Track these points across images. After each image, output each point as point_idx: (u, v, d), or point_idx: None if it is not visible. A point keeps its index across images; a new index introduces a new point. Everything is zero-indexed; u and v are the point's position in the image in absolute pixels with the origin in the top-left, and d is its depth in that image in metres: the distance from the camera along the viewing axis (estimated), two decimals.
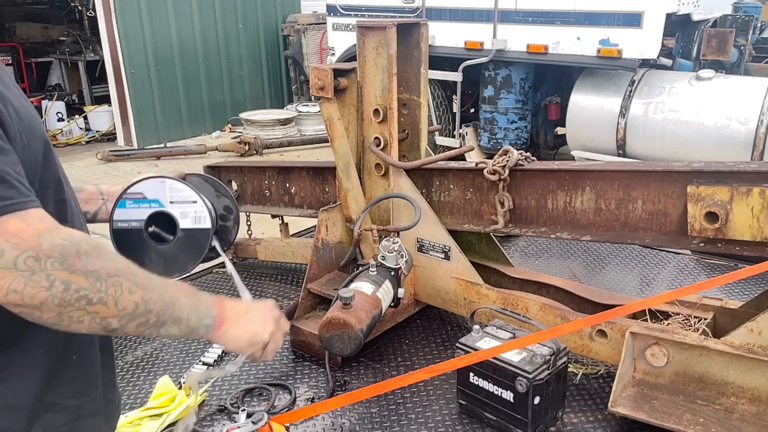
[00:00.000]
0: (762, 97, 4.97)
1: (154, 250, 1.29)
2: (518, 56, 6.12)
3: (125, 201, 1.27)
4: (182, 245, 1.29)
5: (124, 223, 1.26)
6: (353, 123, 3.10)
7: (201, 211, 1.30)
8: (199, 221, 1.31)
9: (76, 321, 1.02)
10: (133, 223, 1.26)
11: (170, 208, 1.28)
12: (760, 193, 2.24)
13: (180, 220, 1.28)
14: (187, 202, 1.28)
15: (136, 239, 1.27)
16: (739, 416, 2.27)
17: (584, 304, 2.86)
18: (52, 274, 0.98)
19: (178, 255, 1.30)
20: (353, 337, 2.37)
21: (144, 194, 1.27)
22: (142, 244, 1.28)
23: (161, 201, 1.27)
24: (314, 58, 10.69)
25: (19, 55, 11.79)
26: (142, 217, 1.26)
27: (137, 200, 1.27)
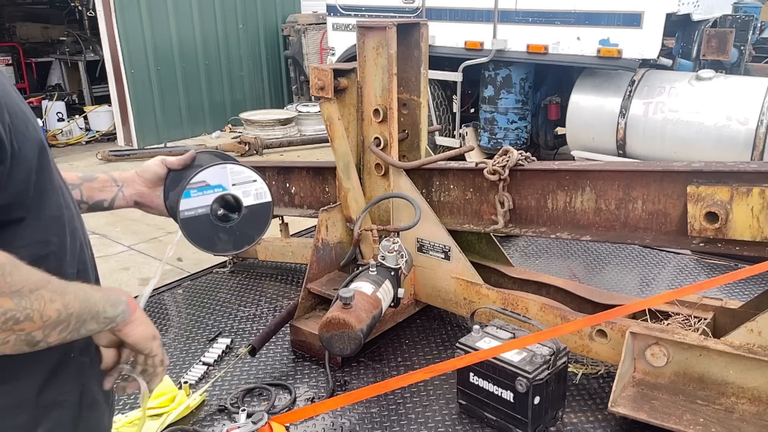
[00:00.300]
0: (762, 97, 4.97)
1: (222, 230, 1.37)
2: (518, 56, 6.11)
3: (189, 191, 1.32)
4: (248, 220, 1.38)
5: (191, 211, 1.32)
6: (353, 123, 3.10)
7: (261, 187, 1.40)
8: (260, 197, 1.40)
9: (2, 343, 1.00)
10: (200, 210, 1.33)
11: (233, 190, 1.36)
12: (760, 193, 2.24)
13: (243, 199, 1.37)
14: (247, 182, 1.38)
15: (204, 224, 1.34)
16: (739, 416, 2.27)
17: (584, 304, 2.86)
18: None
19: (245, 229, 1.39)
20: (353, 337, 2.37)
21: (207, 182, 1.34)
22: (211, 227, 1.35)
23: (224, 185, 1.35)
24: (314, 58, 10.68)
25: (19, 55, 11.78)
26: (208, 202, 1.33)
27: (201, 188, 1.34)
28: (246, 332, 3.28)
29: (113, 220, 5.79)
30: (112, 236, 5.54)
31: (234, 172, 1.36)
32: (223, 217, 1.36)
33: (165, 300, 3.73)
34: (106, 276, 4.68)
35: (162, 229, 5.48)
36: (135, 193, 1.50)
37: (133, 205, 1.53)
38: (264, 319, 3.40)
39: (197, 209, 1.33)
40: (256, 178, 1.39)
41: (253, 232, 1.41)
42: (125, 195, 1.50)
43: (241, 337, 3.23)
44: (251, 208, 1.38)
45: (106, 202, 1.50)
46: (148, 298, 1.40)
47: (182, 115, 10.10)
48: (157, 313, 3.55)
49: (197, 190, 1.33)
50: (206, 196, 1.34)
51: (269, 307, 3.56)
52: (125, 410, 2.64)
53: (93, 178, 1.50)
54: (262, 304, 3.59)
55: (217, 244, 1.36)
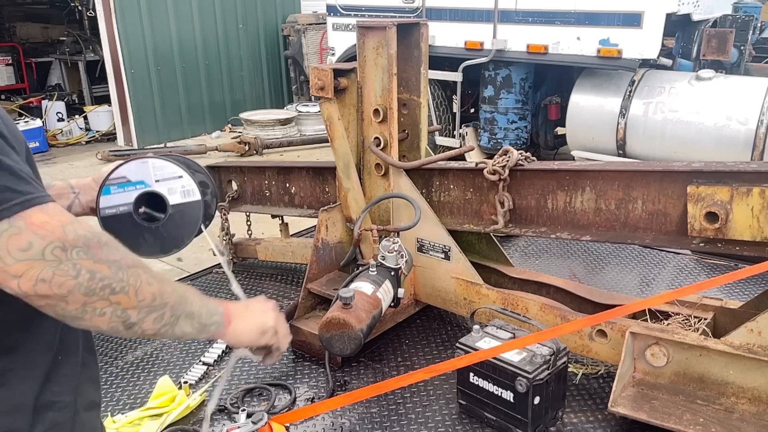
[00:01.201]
0: (762, 97, 4.97)
1: (148, 231, 1.27)
2: (518, 56, 6.11)
3: (109, 187, 1.24)
4: (176, 221, 1.27)
5: (112, 209, 1.23)
6: (353, 123, 3.10)
7: (188, 184, 1.27)
8: (188, 195, 1.27)
9: (99, 314, 1.02)
10: (121, 207, 1.24)
11: (156, 186, 1.25)
12: (760, 193, 2.24)
13: (169, 197, 1.25)
14: (172, 178, 1.26)
15: (126, 223, 1.24)
16: (739, 416, 2.27)
17: (584, 304, 2.86)
18: (78, 263, 1.00)
19: (172, 231, 1.28)
20: (353, 337, 2.37)
21: (127, 177, 1.24)
22: (134, 228, 1.25)
23: (146, 181, 1.24)
24: (314, 58, 10.69)
25: (19, 55, 11.78)
26: (130, 200, 1.23)
27: (121, 185, 1.24)
28: None
29: None
30: None
31: (156, 167, 1.25)
32: (147, 216, 1.26)
33: None
34: None
35: None
36: (91, 200, 1.46)
37: (90, 212, 1.49)
38: None
39: (119, 207, 1.25)
40: (181, 174, 1.27)
41: (182, 233, 1.29)
42: (81, 202, 1.46)
43: None
44: (178, 207, 1.27)
45: None
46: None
47: (182, 115, 10.11)
48: None
49: (117, 187, 1.25)
50: (127, 193, 1.25)
51: None
52: (125, 410, 2.64)
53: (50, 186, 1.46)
54: None
55: (141, 246, 1.26)
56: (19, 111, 10.21)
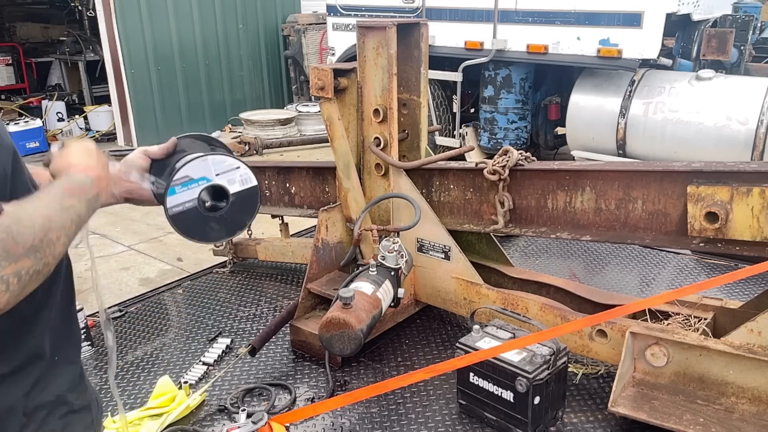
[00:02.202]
0: (762, 97, 4.96)
1: (213, 219, 1.37)
2: (518, 56, 6.11)
3: (174, 188, 1.32)
4: (237, 207, 1.38)
5: (179, 207, 1.32)
6: (353, 123, 3.10)
7: (245, 173, 1.38)
8: (245, 182, 1.39)
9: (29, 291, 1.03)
10: (187, 204, 1.33)
11: (217, 179, 1.35)
12: (760, 193, 2.24)
13: (229, 187, 1.36)
14: (231, 170, 1.37)
15: (193, 217, 1.34)
16: (739, 416, 2.27)
17: (584, 304, 2.86)
18: (4, 274, 0.97)
19: (236, 216, 1.39)
20: (353, 337, 2.37)
21: (190, 176, 1.33)
22: (200, 220, 1.36)
23: (208, 177, 1.34)
24: (314, 58, 10.68)
25: (19, 55, 11.77)
26: (194, 196, 1.33)
27: (185, 183, 1.33)
28: (246, 332, 3.28)
29: (113, 220, 5.80)
30: (112, 236, 5.55)
31: (216, 162, 1.36)
32: (211, 207, 1.36)
33: (165, 300, 3.73)
34: (107, 276, 4.67)
35: (162, 229, 5.49)
36: (124, 191, 1.48)
37: (123, 201, 1.52)
38: (264, 319, 3.40)
39: (185, 203, 1.33)
40: (239, 165, 1.38)
41: (243, 216, 1.41)
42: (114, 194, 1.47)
43: (241, 337, 3.23)
44: (238, 194, 1.38)
45: None
46: None
47: (182, 115, 10.11)
48: (157, 313, 3.55)
49: (182, 186, 1.33)
50: (191, 190, 1.33)
51: (269, 307, 3.56)
52: (125, 410, 2.64)
53: None
54: (262, 304, 3.59)
55: (209, 234, 1.38)
56: (19, 111, 10.20)
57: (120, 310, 3.56)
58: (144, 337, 3.29)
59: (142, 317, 3.50)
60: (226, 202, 1.37)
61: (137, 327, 3.39)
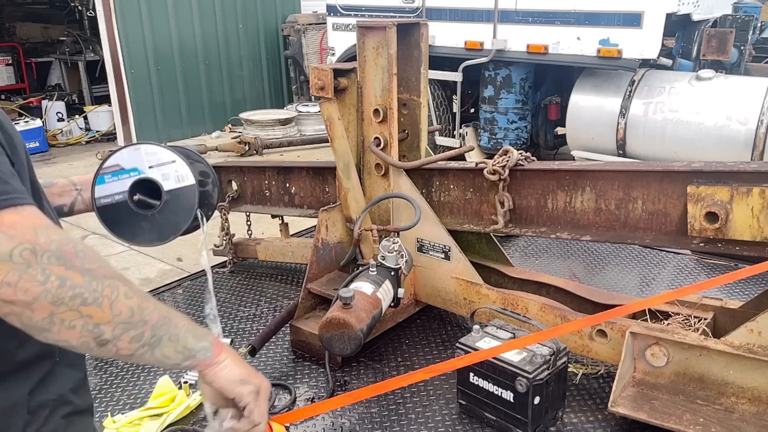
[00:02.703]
0: (762, 97, 4.97)
1: (144, 218, 1.25)
2: (518, 56, 6.11)
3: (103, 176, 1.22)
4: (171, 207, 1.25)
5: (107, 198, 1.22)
6: (353, 123, 3.10)
7: (182, 168, 1.25)
8: (182, 179, 1.25)
9: (68, 326, 0.95)
10: (117, 196, 1.22)
11: (150, 173, 1.23)
12: (760, 193, 2.24)
13: (163, 182, 1.23)
14: (165, 163, 1.24)
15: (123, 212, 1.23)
16: (739, 416, 2.27)
17: (584, 304, 2.86)
18: (48, 269, 0.93)
19: (169, 217, 1.26)
20: (353, 337, 2.37)
21: (121, 165, 1.23)
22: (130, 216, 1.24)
23: (140, 168, 1.22)
24: (314, 58, 10.68)
25: (19, 55, 11.78)
26: (124, 188, 1.22)
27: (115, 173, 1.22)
28: (246, 332, 3.28)
29: None
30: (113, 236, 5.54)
31: (149, 153, 1.24)
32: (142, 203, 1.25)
33: (165, 300, 3.73)
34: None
35: None
36: None
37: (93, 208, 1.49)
38: (264, 319, 3.40)
39: (114, 196, 1.23)
40: (174, 159, 1.26)
41: (178, 219, 1.28)
42: (84, 198, 1.45)
43: (241, 337, 3.23)
44: (173, 192, 1.25)
45: (66, 207, 1.47)
46: None
47: (182, 115, 10.11)
48: None
49: (111, 175, 1.23)
50: (122, 181, 1.23)
51: (269, 307, 3.56)
52: (125, 410, 2.64)
53: (52, 184, 1.46)
54: (262, 304, 3.59)
55: (138, 234, 1.26)
56: (19, 111, 10.20)
57: None
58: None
59: None
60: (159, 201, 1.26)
61: None
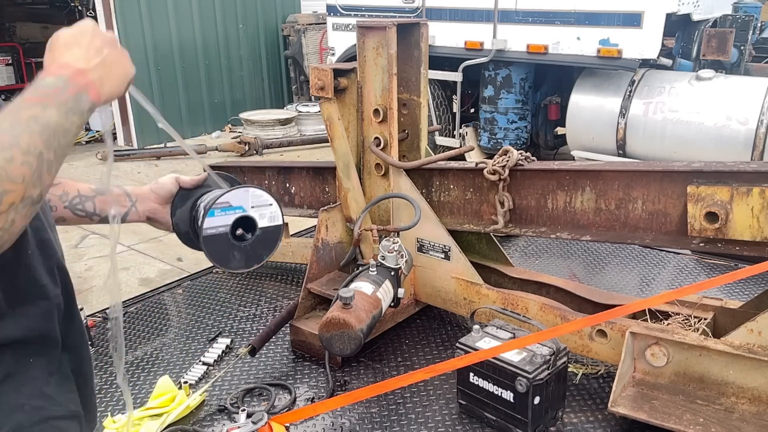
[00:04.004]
0: (762, 97, 4.97)
1: (237, 249, 1.45)
2: (518, 56, 6.11)
3: (214, 211, 1.41)
4: (261, 241, 1.46)
5: (213, 229, 1.41)
6: (353, 123, 3.10)
7: (275, 211, 1.47)
8: (273, 219, 1.48)
9: (8, 224, 0.89)
10: (221, 228, 1.42)
11: (251, 212, 1.45)
12: (760, 193, 2.24)
13: (259, 221, 1.46)
14: (264, 205, 1.46)
15: (222, 242, 1.43)
16: (739, 416, 2.27)
17: (584, 304, 2.86)
18: None
19: (257, 249, 1.47)
20: (353, 337, 2.37)
21: (230, 203, 1.43)
22: (228, 245, 1.44)
23: (244, 207, 1.44)
24: (314, 58, 10.68)
25: (19, 55, 11.78)
26: (228, 222, 1.42)
27: (224, 209, 1.43)
28: (246, 332, 3.28)
29: None
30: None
31: (254, 196, 1.45)
32: (239, 236, 1.44)
33: (165, 300, 3.73)
34: (106, 275, 4.67)
35: None
36: (148, 210, 1.54)
37: (145, 220, 1.56)
38: (264, 319, 3.40)
39: (218, 228, 1.41)
40: (272, 203, 1.48)
41: (263, 251, 1.48)
42: (138, 210, 1.53)
43: (241, 337, 3.23)
44: (265, 229, 1.46)
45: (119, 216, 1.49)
46: None
47: (182, 115, 10.11)
48: (157, 313, 3.55)
49: (221, 210, 1.42)
50: (227, 216, 1.42)
51: (269, 307, 3.56)
52: (125, 410, 2.64)
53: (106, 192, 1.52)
54: (262, 304, 3.59)
55: (231, 262, 1.45)
56: None
57: None
58: (144, 337, 3.29)
59: (142, 317, 3.50)
60: (252, 235, 1.45)
61: (137, 327, 3.39)
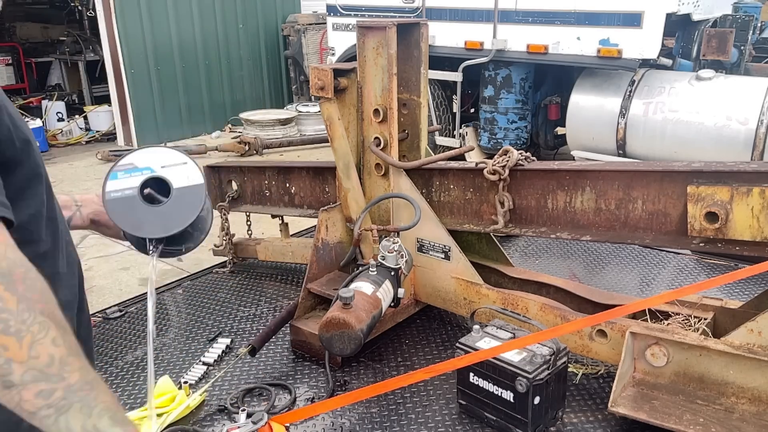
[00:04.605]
0: (762, 97, 4.97)
1: (151, 212, 1.32)
2: (518, 56, 6.12)
3: (116, 173, 1.29)
4: (179, 203, 1.33)
5: (117, 192, 1.29)
6: (353, 123, 3.10)
7: (192, 169, 1.34)
8: (191, 179, 1.34)
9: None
10: (127, 191, 1.29)
11: (162, 172, 1.31)
12: (760, 193, 2.24)
13: (173, 181, 1.32)
14: (177, 164, 1.33)
15: (131, 205, 1.30)
16: (739, 416, 2.27)
17: (584, 304, 2.86)
18: None
19: (175, 212, 1.33)
20: (353, 337, 2.37)
21: (134, 164, 1.31)
22: (139, 209, 1.31)
23: (152, 167, 1.31)
24: (314, 58, 10.69)
25: (19, 55, 11.79)
26: (135, 184, 1.29)
27: (128, 170, 1.30)
28: (246, 332, 3.28)
29: None
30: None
31: (165, 154, 1.34)
32: (151, 198, 1.32)
33: (165, 300, 3.73)
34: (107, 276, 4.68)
35: None
36: (91, 212, 1.49)
37: (90, 224, 1.52)
38: (264, 319, 3.40)
39: (124, 190, 1.30)
40: (186, 161, 1.35)
41: (185, 214, 1.35)
42: (82, 214, 1.49)
43: (241, 337, 3.23)
44: (182, 190, 1.33)
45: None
46: None
47: (182, 115, 10.12)
48: (157, 313, 3.55)
49: (124, 172, 1.30)
50: (134, 177, 1.31)
51: (269, 307, 3.56)
52: (125, 410, 2.63)
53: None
54: (262, 304, 3.59)
55: (144, 226, 1.33)
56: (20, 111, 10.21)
57: (120, 310, 3.56)
58: (144, 337, 3.29)
59: (142, 317, 3.49)
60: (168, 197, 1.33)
61: (137, 327, 3.39)
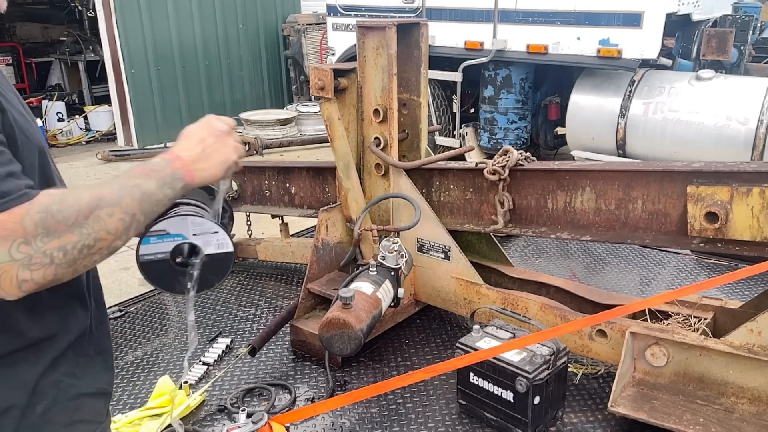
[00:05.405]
0: (762, 97, 4.97)
1: (181, 274, 1.39)
2: (518, 56, 6.12)
3: (149, 238, 1.35)
4: (209, 267, 1.40)
5: (150, 256, 1.36)
6: (353, 123, 3.10)
7: (222, 238, 1.41)
8: (221, 247, 1.41)
9: (92, 262, 1.09)
10: (159, 255, 1.37)
11: (193, 239, 1.38)
12: (760, 193, 2.24)
13: (204, 248, 1.39)
14: (208, 233, 1.39)
15: (163, 268, 1.38)
16: (739, 416, 2.27)
17: (584, 304, 2.86)
18: (47, 249, 1.02)
19: (205, 275, 1.40)
20: (353, 337, 2.37)
21: (167, 231, 1.37)
22: (170, 271, 1.39)
23: (184, 235, 1.38)
24: (314, 58, 10.69)
25: (19, 55, 11.78)
26: (167, 249, 1.37)
27: (160, 236, 1.36)
28: (246, 332, 3.28)
29: None
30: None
31: (195, 224, 1.38)
32: (182, 263, 1.39)
33: (165, 300, 3.73)
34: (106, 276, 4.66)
35: None
36: None
37: None
38: (264, 319, 3.40)
39: (156, 254, 1.37)
40: (217, 230, 1.40)
41: (212, 278, 1.43)
42: None
43: (241, 337, 3.23)
44: (213, 256, 1.40)
45: None
46: None
47: (182, 115, 10.11)
48: (157, 313, 3.55)
49: (157, 238, 1.36)
50: (165, 243, 1.37)
51: (269, 307, 3.56)
52: (125, 410, 2.64)
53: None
54: (262, 304, 3.59)
55: (175, 287, 1.41)
56: None
57: (120, 310, 3.56)
58: (144, 337, 3.29)
59: (142, 317, 3.50)
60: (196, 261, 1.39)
61: (137, 327, 3.39)
